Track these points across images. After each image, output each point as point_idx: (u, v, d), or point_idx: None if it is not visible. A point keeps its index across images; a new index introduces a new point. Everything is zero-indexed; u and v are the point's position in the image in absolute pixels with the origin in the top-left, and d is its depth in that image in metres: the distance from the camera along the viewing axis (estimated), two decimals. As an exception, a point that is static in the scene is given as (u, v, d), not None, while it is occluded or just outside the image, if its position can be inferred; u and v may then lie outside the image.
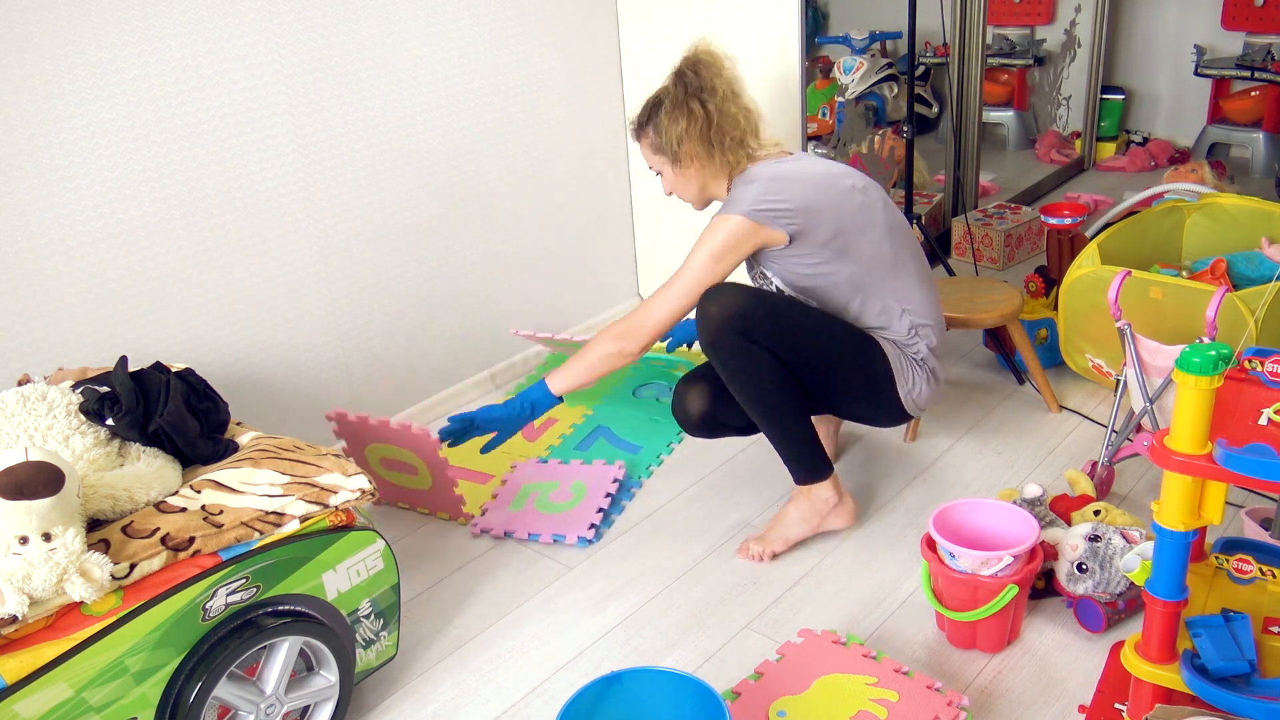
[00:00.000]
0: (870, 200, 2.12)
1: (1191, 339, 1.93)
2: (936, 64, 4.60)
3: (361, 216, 2.59)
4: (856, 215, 2.08)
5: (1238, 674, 1.47)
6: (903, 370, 2.14)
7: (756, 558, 2.20)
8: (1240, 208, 2.83)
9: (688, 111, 2.12)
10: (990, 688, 1.84)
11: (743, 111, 2.15)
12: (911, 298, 2.14)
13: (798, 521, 2.21)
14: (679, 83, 2.15)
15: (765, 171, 2.09)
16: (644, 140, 2.22)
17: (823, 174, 2.11)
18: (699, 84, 2.12)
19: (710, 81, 2.12)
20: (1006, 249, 3.68)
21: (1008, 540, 1.92)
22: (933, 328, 2.17)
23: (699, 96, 2.12)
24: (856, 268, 2.09)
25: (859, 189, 2.11)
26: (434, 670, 1.97)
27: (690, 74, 2.14)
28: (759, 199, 2.04)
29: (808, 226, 2.05)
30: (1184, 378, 1.36)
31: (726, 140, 2.12)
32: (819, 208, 2.06)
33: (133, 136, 2.15)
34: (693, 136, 2.12)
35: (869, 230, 2.09)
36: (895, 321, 2.13)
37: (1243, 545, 1.73)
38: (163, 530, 1.56)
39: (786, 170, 2.10)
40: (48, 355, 2.12)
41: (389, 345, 2.74)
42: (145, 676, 1.52)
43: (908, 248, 2.16)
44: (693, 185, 2.20)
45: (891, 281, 2.12)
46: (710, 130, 2.12)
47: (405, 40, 2.57)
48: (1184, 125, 4.71)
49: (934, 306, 2.19)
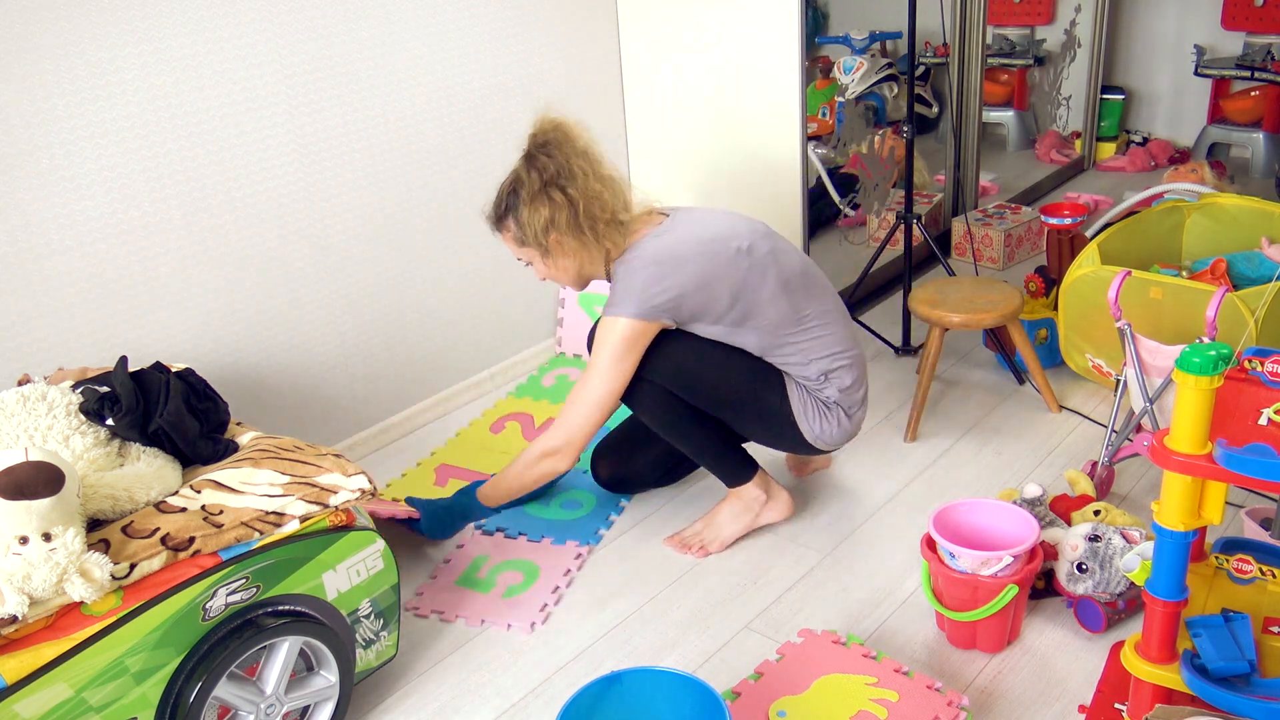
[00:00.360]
0: (757, 260, 2.01)
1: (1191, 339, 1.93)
2: (936, 64, 4.60)
3: (361, 216, 2.59)
4: (747, 278, 2.00)
5: (1238, 674, 1.47)
6: (806, 412, 2.11)
7: (687, 552, 2.24)
8: (1240, 208, 2.83)
9: (548, 200, 1.99)
10: (990, 688, 1.84)
11: (607, 186, 2.02)
12: (816, 347, 2.08)
13: (730, 520, 2.24)
14: (531, 169, 2.01)
15: (647, 253, 1.98)
16: (505, 233, 2.09)
17: (707, 241, 2.00)
18: (554, 168, 1.99)
19: (565, 163, 2.00)
20: (1006, 249, 3.68)
21: (1008, 540, 1.92)
22: (846, 368, 2.11)
23: (557, 183, 1.99)
24: (759, 334, 2.05)
25: (744, 251, 2.00)
26: (434, 670, 1.97)
27: (542, 158, 2.01)
28: (644, 295, 1.95)
29: (700, 307, 2.00)
30: (1184, 378, 1.36)
31: (598, 225, 2.00)
32: (708, 283, 1.98)
33: (133, 136, 2.15)
34: (559, 226, 2.00)
35: (762, 291, 2.01)
36: (804, 369, 2.09)
37: (1243, 545, 1.73)
38: (163, 530, 1.56)
39: (668, 249, 1.98)
40: (48, 355, 2.12)
41: (389, 345, 2.74)
42: (145, 676, 1.52)
43: (806, 294, 2.07)
44: (568, 274, 2.09)
45: (795, 337, 2.07)
46: (578, 217, 1.99)
47: (405, 40, 2.57)
48: (1184, 125, 4.71)
49: (843, 344, 2.11)
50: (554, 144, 2.03)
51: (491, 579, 2.19)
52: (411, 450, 2.73)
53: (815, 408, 2.12)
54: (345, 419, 2.69)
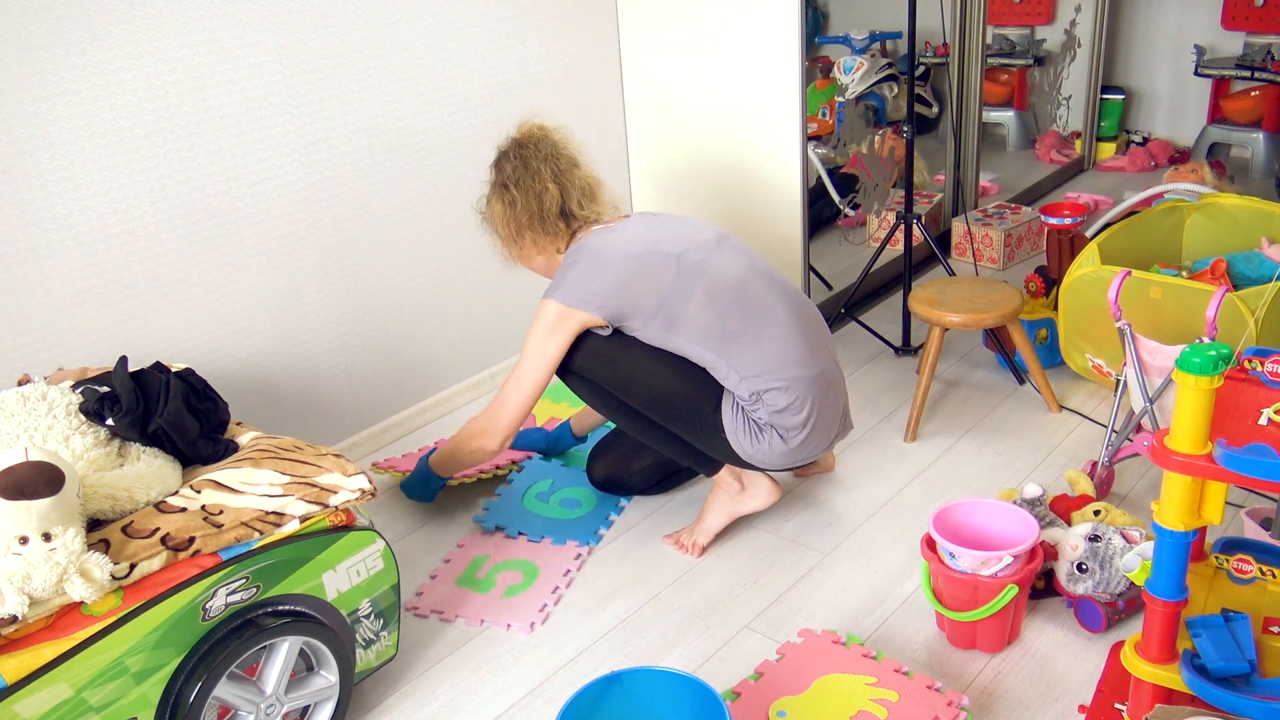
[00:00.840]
0: (685, 268, 2.04)
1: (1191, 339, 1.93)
2: (936, 64, 4.60)
3: (362, 216, 2.59)
4: (675, 285, 2.03)
5: (1238, 674, 1.47)
6: (738, 429, 2.08)
7: (685, 550, 2.24)
8: (1240, 208, 2.83)
9: (499, 195, 2.17)
10: (990, 688, 1.84)
11: (559, 185, 2.14)
12: (746, 365, 2.04)
13: (713, 511, 2.25)
14: (496, 169, 2.19)
15: (587, 246, 2.09)
16: (485, 227, 2.26)
17: (642, 244, 2.07)
18: (511, 169, 2.15)
19: (524, 164, 2.14)
20: (1006, 249, 3.68)
21: (1008, 540, 1.92)
22: (780, 390, 2.04)
23: (511, 181, 2.15)
24: (689, 342, 2.05)
25: (673, 257, 2.04)
26: (434, 670, 1.97)
27: (504, 160, 2.17)
28: (573, 284, 2.05)
29: (626, 307, 2.04)
30: (1184, 378, 1.36)
31: (547, 220, 2.14)
32: (632, 285, 2.03)
33: (133, 136, 2.15)
34: (508, 218, 2.16)
35: (689, 301, 2.03)
36: (735, 385, 2.06)
37: (1243, 545, 1.73)
38: (163, 530, 1.56)
39: (605, 245, 2.08)
40: (48, 355, 2.12)
41: (389, 345, 2.74)
42: (145, 676, 1.52)
43: (740, 308, 2.05)
44: (537, 260, 2.22)
45: (725, 351, 2.04)
46: (521, 210, 2.14)
47: (405, 40, 2.57)
48: (1184, 125, 4.71)
49: (783, 365, 2.05)
50: (524, 144, 2.17)
51: (491, 579, 2.19)
52: (411, 450, 2.73)
53: (746, 426, 2.08)
54: (345, 419, 2.69)
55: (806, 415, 2.07)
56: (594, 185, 2.20)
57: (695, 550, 2.23)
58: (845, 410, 2.19)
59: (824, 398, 2.10)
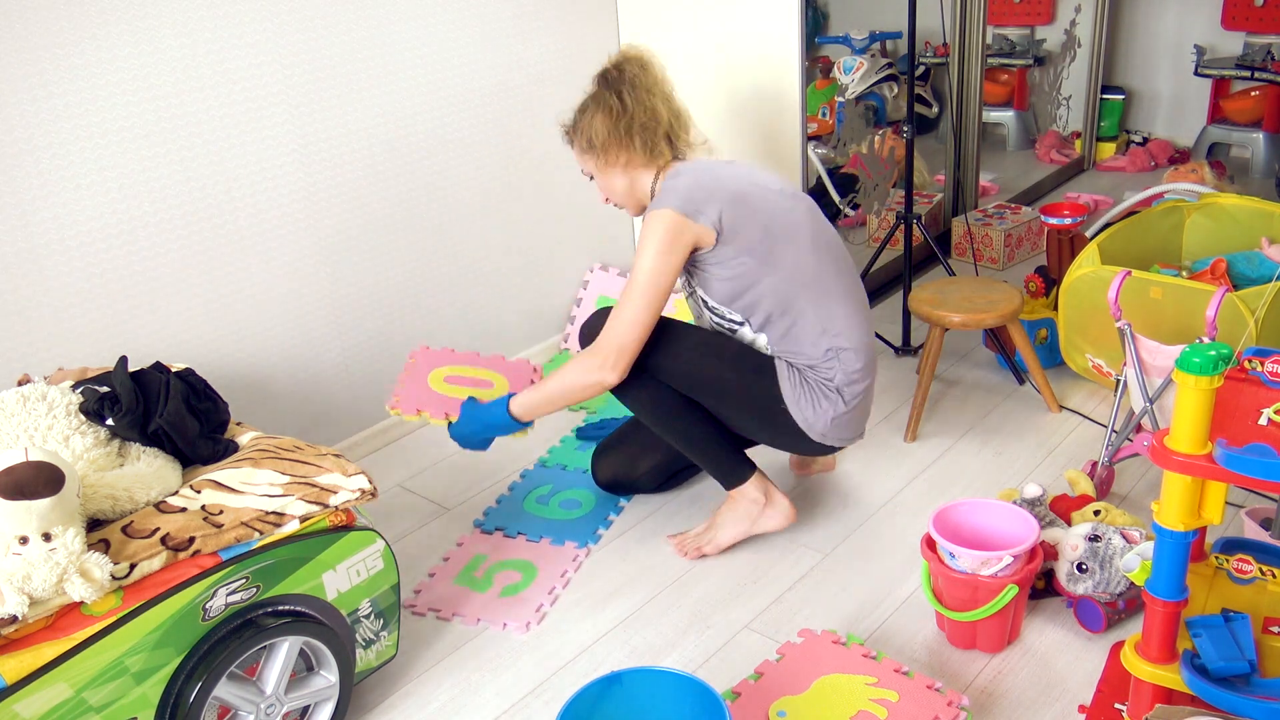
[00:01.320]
0: (796, 208, 2.08)
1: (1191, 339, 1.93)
2: (936, 64, 4.60)
3: (362, 216, 2.59)
4: (783, 219, 2.04)
5: (1238, 674, 1.47)
6: (799, 399, 2.05)
7: (684, 554, 2.23)
8: (1240, 208, 2.83)
9: (605, 106, 2.12)
10: (990, 688, 1.84)
11: (668, 108, 2.13)
12: (834, 316, 2.05)
13: (729, 524, 2.21)
14: (600, 80, 2.16)
15: (694, 166, 2.09)
16: (575, 143, 2.20)
17: (749, 176, 2.09)
18: (619, 79, 2.12)
19: (632, 76, 2.12)
20: (1006, 249, 3.68)
21: (1008, 540, 1.92)
22: (854, 351, 2.06)
23: (617, 90, 2.11)
24: (778, 278, 2.02)
25: (787, 195, 2.09)
26: (434, 670, 1.97)
27: (613, 71, 2.14)
28: (689, 191, 2.00)
29: (736, 223, 1.99)
30: (1184, 378, 1.36)
31: (648, 133, 2.10)
32: (747, 204, 2.01)
33: (133, 136, 2.15)
34: (610, 129, 2.11)
35: (794, 239, 2.04)
36: (809, 345, 2.04)
37: (1243, 545, 1.73)
38: (163, 530, 1.56)
39: (714, 166, 2.09)
40: (48, 355, 2.12)
41: (389, 345, 2.74)
42: (145, 676, 1.52)
43: (834, 265, 2.09)
44: (620, 182, 2.16)
45: (814, 297, 2.04)
46: (629, 122, 2.09)
47: (405, 40, 2.57)
48: (1184, 125, 4.71)
49: (859, 329, 2.09)
50: (629, 61, 2.14)
51: (489, 578, 2.19)
52: (411, 450, 2.73)
53: (808, 393, 2.05)
54: (345, 419, 2.69)
55: (868, 384, 2.11)
56: (687, 116, 2.18)
57: (695, 555, 2.22)
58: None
59: (872, 377, 2.14)
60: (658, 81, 2.14)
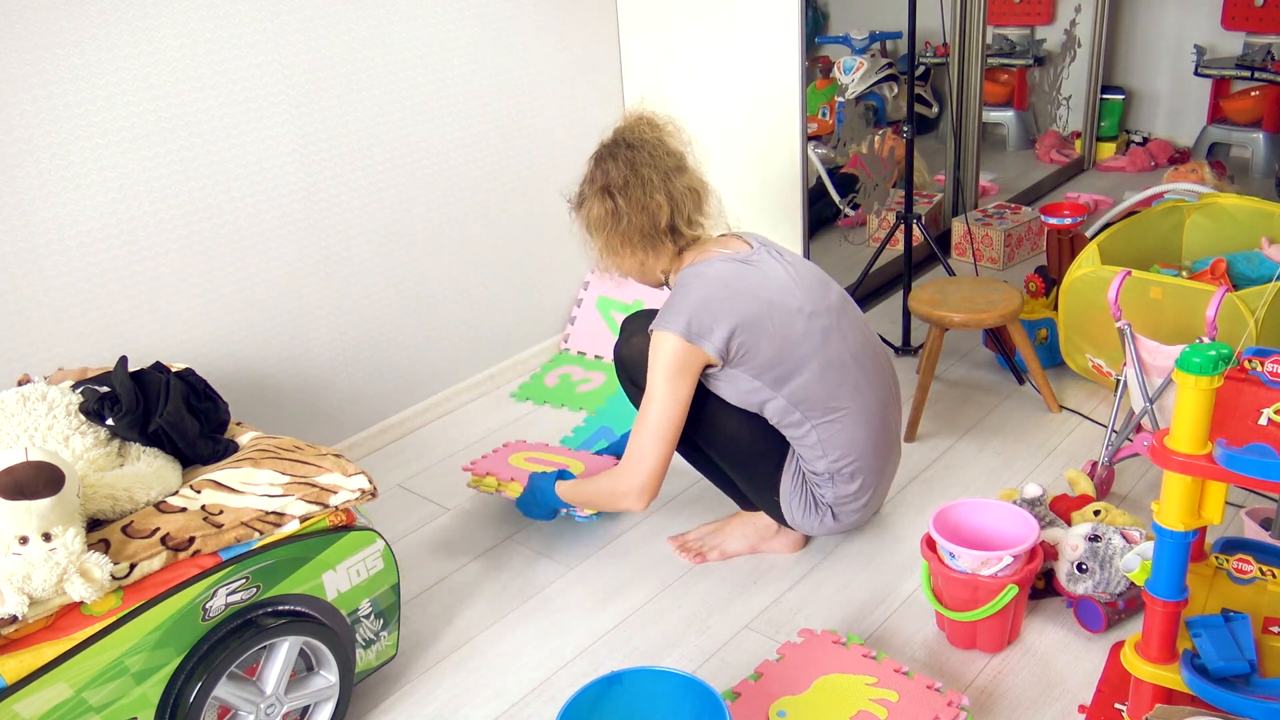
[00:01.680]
0: (812, 328, 1.94)
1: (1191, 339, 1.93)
2: (936, 64, 4.60)
3: (362, 216, 2.59)
4: (795, 345, 1.93)
5: (1238, 674, 1.47)
6: (793, 497, 2.05)
7: (685, 555, 2.23)
8: (1240, 208, 2.83)
9: (602, 204, 1.98)
10: (990, 688, 1.84)
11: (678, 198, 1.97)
12: (837, 443, 1.98)
13: (737, 538, 2.22)
14: (598, 168, 1.99)
15: (711, 273, 1.93)
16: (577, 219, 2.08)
17: (773, 289, 1.94)
18: (618, 174, 1.96)
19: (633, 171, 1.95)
20: (1006, 249, 3.68)
21: (1008, 540, 1.92)
22: (852, 474, 2.00)
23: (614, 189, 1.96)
24: (791, 403, 1.96)
25: (803, 313, 1.94)
26: (434, 670, 1.97)
27: (609, 161, 1.98)
28: (696, 311, 1.88)
29: (743, 349, 1.91)
30: (1184, 378, 1.36)
31: (651, 236, 1.97)
32: (758, 328, 1.90)
33: (133, 136, 2.15)
34: (609, 229, 1.99)
35: (804, 366, 1.93)
36: (814, 460, 2.00)
37: (1243, 545, 1.73)
38: (163, 530, 1.56)
39: (734, 275, 1.93)
40: (48, 355, 2.12)
41: (389, 345, 2.74)
42: (145, 676, 1.52)
43: (848, 388, 1.97)
44: (629, 264, 2.05)
45: (823, 425, 1.97)
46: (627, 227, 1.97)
47: (406, 40, 2.57)
48: (1184, 125, 4.71)
49: (866, 448, 2.00)
50: (634, 146, 1.97)
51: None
52: (411, 450, 2.73)
53: (803, 498, 2.05)
54: (345, 419, 2.69)
55: (867, 499, 2.07)
56: (700, 190, 2.01)
57: (697, 559, 2.22)
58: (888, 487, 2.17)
59: (881, 481, 2.09)
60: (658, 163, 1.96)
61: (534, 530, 2.35)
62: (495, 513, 2.44)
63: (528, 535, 2.34)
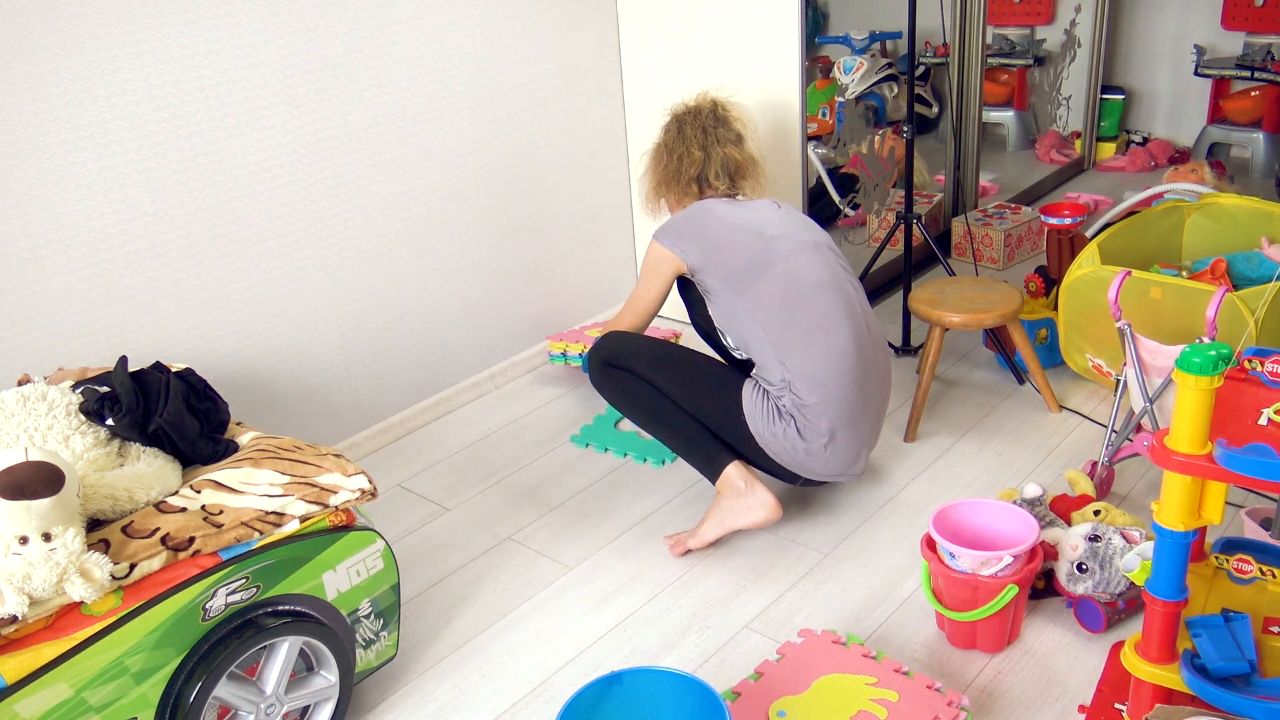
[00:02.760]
0: (776, 250, 2.20)
1: (1191, 339, 1.93)
2: (936, 64, 4.60)
3: (362, 216, 2.59)
4: (760, 257, 2.19)
5: (1238, 674, 1.47)
6: (758, 414, 2.16)
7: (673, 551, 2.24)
8: (1240, 208, 2.83)
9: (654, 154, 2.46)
10: (990, 688, 1.84)
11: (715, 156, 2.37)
12: (792, 354, 2.13)
13: (713, 519, 2.23)
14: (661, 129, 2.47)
15: (702, 205, 2.31)
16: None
17: (746, 220, 2.25)
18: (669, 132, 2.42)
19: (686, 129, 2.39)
20: (1006, 249, 3.68)
21: (1008, 540, 1.92)
22: (809, 385, 2.12)
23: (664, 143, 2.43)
24: (749, 312, 2.17)
25: (766, 237, 2.22)
26: (434, 670, 1.97)
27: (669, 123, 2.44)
28: (676, 225, 2.28)
29: (707, 263, 2.21)
30: (1184, 378, 1.36)
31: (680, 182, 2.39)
32: (718, 247, 2.22)
33: (133, 136, 2.15)
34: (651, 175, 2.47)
35: (767, 272, 2.18)
36: (771, 370, 2.16)
37: (1243, 545, 1.73)
38: (163, 530, 1.56)
39: (714, 207, 2.29)
40: (48, 355, 2.12)
41: (389, 345, 2.74)
42: (145, 676, 1.52)
43: (805, 306, 2.16)
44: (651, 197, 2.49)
45: (779, 333, 2.14)
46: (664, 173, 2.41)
47: (405, 40, 2.57)
48: (1184, 125, 4.71)
49: (826, 368, 2.13)
50: (689, 110, 2.43)
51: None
52: (411, 450, 2.74)
53: (766, 410, 2.15)
54: (345, 419, 2.69)
55: (829, 425, 2.13)
56: (746, 165, 2.41)
57: (680, 551, 2.23)
58: (862, 455, 2.22)
59: (846, 427, 2.16)
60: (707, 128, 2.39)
61: (534, 530, 2.35)
62: (495, 513, 2.44)
63: (528, 535, 2.35)
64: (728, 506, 2.21)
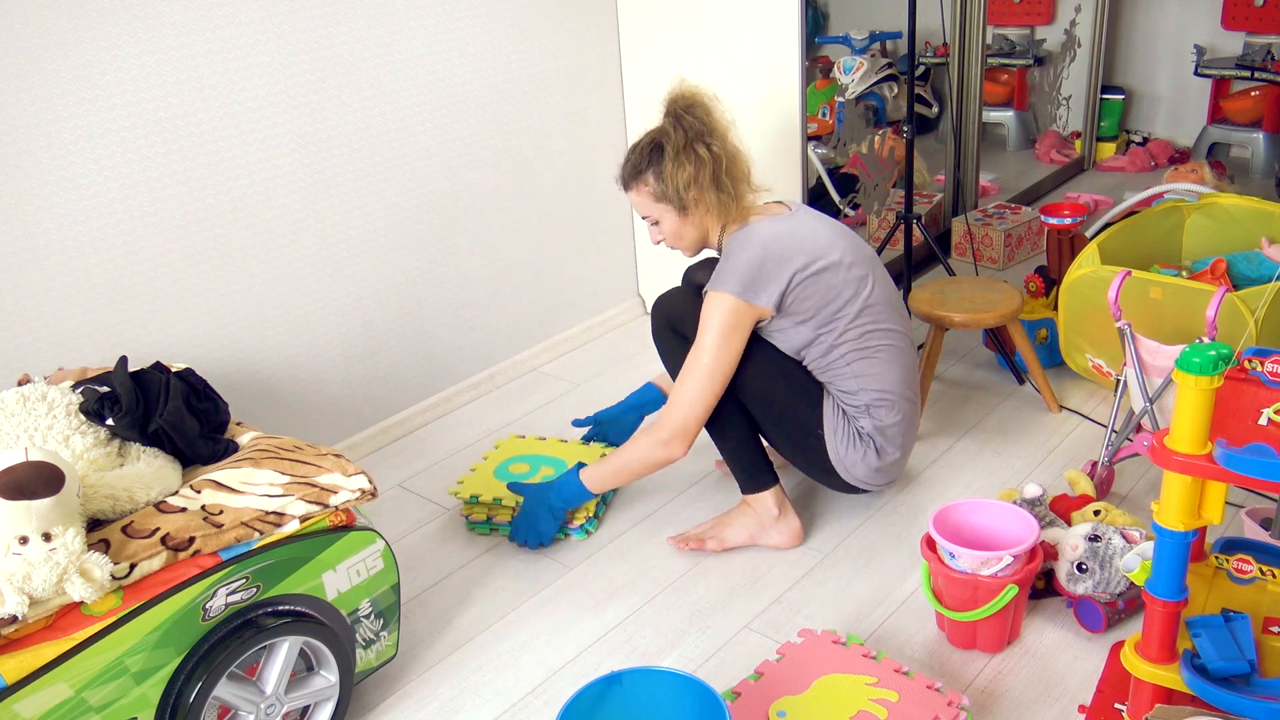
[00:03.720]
0: (852, 277, 2.08)
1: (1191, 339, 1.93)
2: (936, 64, 4.60)
3: (362, 216, 2.59)
4: (841, 291, 2.06)
5: (1238, 674, 1.47)
6: (837, 433, 2.11)
7: (683, 546, 2.23)
8: (1240, 208, 2.83)
9: (694, 156, 2.06)
10: (990, 688, 1.84)
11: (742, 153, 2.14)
12: (872, 377, 2.09)
13: (737, 528, 2.22)
14: (678, 127, 2.08)
15: (763, 232, 2.05)
16: (640, 189, 2.13)
17: (816, 245, 2.06)
18: (700, 126, 2.07)
19: (709, 122, 2.08)
20: (1006, 249, 3.68)
21: (1008, 540, 1.92)
22: (888, 406, 2.11)
23: (704, 139, 2.06)
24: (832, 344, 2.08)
25: (843, 265, 2.07)
26: (434, 670, 1.97)
27: (689, 117, 2.08)
28: (752, 271, 2.01)
29: (796, 303, 2.04)
30: (1184, 378, 1.36)
31: (738, 184, 2.10)
32: (810, 283, 2.03)
33: (133, 136, 2.15)
34: (703, 183, 2.07)
35: (848, 307, 2.07)
36: (851, 395, 2.11)
37: (1243, 545, 1.73)
38: (163, 530, 1.56)
39: (787, 233, 2.06)
40: (48, 355, 2.12)
41: (389, 345, 2.74)
42: (145, 676, 1.52)
43: (884, 326, 2.10)
44: (695, 232, 2.15)
45: (860, 362, 2.09)
46: (720, 173, 2.07)
47: (406, 40, 2.57)
48: (1184, 125, 4.71)
49: (901, 383, 2.12)
50: (698, 105, 2.10)
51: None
52: (411, 450, 2.74)
53: (848, 432, 2.12)
54: (345, 419, 2.69)
55: (904, 441, 2.15)
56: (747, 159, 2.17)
57: (695, 546, 2.22)
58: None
59: (911, 429, 2.19)
60: (725, 124, 2.11)
61: (534, 530, 2.36)
62: (495, 513, 2.44)
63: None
64: (757, 521, 2.21)
